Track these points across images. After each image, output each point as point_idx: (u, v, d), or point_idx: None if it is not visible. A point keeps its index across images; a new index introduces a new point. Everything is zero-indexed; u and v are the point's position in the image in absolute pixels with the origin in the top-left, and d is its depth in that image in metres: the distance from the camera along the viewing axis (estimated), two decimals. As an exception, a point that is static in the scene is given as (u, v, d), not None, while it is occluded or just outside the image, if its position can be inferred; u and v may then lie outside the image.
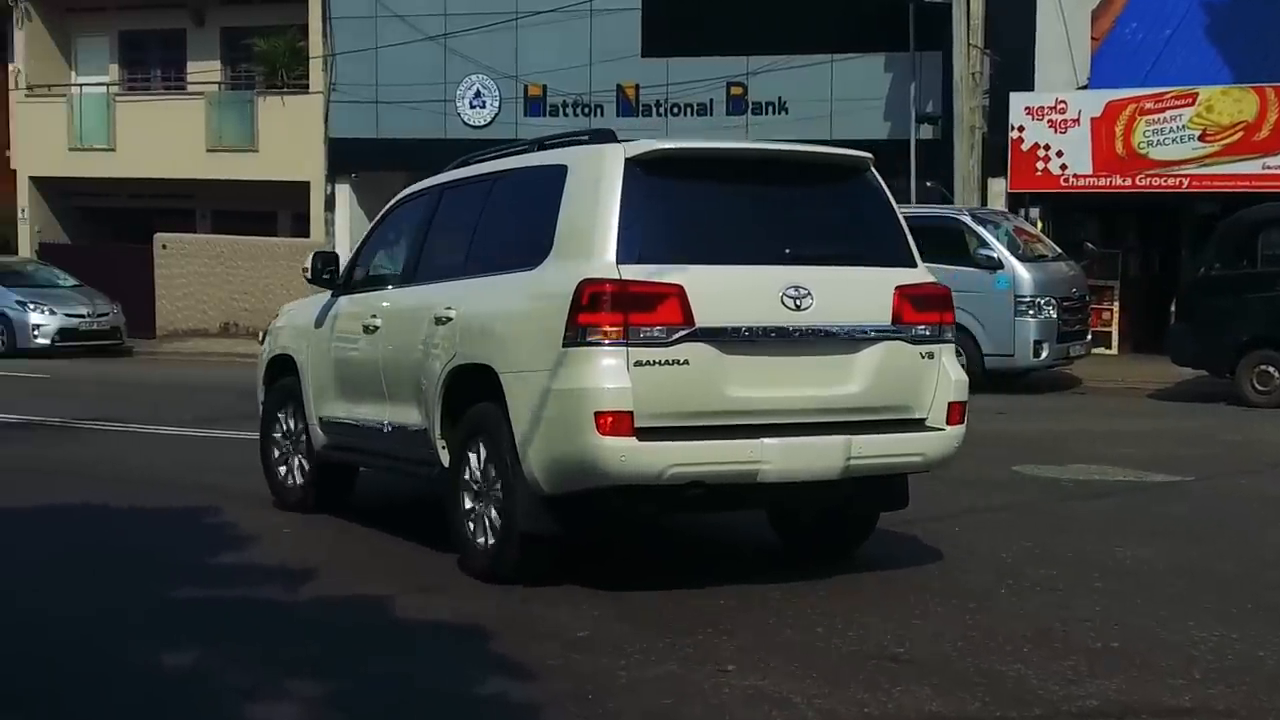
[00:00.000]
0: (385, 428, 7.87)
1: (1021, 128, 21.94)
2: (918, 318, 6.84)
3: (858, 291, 6.80)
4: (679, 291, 6.30)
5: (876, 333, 6.73)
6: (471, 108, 27.34)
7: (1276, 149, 20.45)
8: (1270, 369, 15.76)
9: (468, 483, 7.01)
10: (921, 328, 6.85)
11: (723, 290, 6.45)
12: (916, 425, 6.86)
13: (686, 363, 6.31)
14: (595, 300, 6.26)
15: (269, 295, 26.40)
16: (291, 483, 9.02)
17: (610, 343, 6.23)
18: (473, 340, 7.04)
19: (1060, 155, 21.68)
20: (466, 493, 7.03)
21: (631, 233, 6.43)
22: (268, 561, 7.50)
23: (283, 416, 9.08)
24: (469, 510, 7.01)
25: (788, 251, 6.71)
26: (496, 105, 27.16)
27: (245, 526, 8.41)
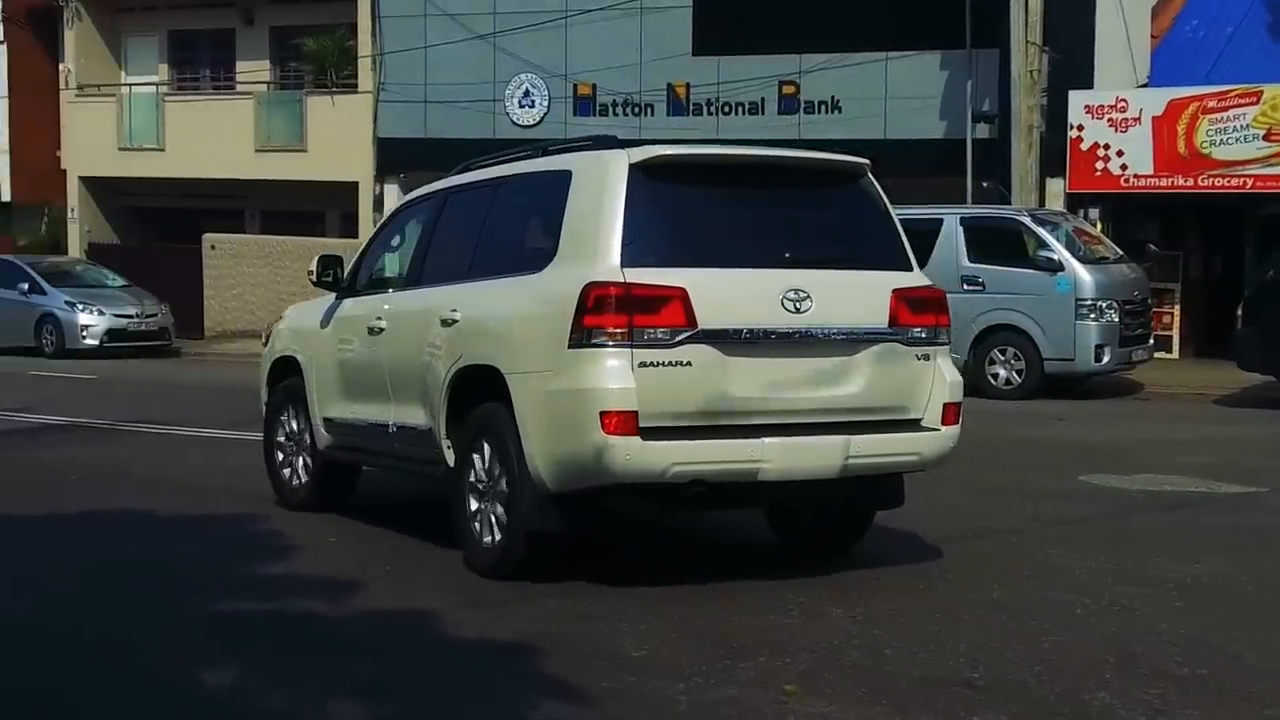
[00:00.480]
0: (390, 428, 7.98)
1: (1081, 126, 21.55)
2: (914, 320, 6.99)
3: (856, 295, 6.94)
4: (682, 294, 6.42)
5: (874, 335, 6.88)
6: (520, 107, 27.18)
7: (1343, 149, 19.99)
8: (1342, 375, 15.35)
9: (473, 482, 7.12)
10: (917, 330, 7.00)
11: (724, 293, 6.57)
12: (913, 425, 7.00)
13: (689, 364, 6.43)
14: (600, 303, 6.38)
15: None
16: (296, 482, 9.13)
17: (615, 344, 6.36)
18: (478, 342, 7.14)
19: (1121, 155, 21.29)
20: (472, 492, 7.14)
21: (635, 236, 6.55)
22: (311, 572, 7.34)
23: (286, 417, 9.22)
24: (474, 509, 7.12)
25: (788, 255, 6.83)
26: (546, 105, 27.01)
27: (290, 534, 8.28)
